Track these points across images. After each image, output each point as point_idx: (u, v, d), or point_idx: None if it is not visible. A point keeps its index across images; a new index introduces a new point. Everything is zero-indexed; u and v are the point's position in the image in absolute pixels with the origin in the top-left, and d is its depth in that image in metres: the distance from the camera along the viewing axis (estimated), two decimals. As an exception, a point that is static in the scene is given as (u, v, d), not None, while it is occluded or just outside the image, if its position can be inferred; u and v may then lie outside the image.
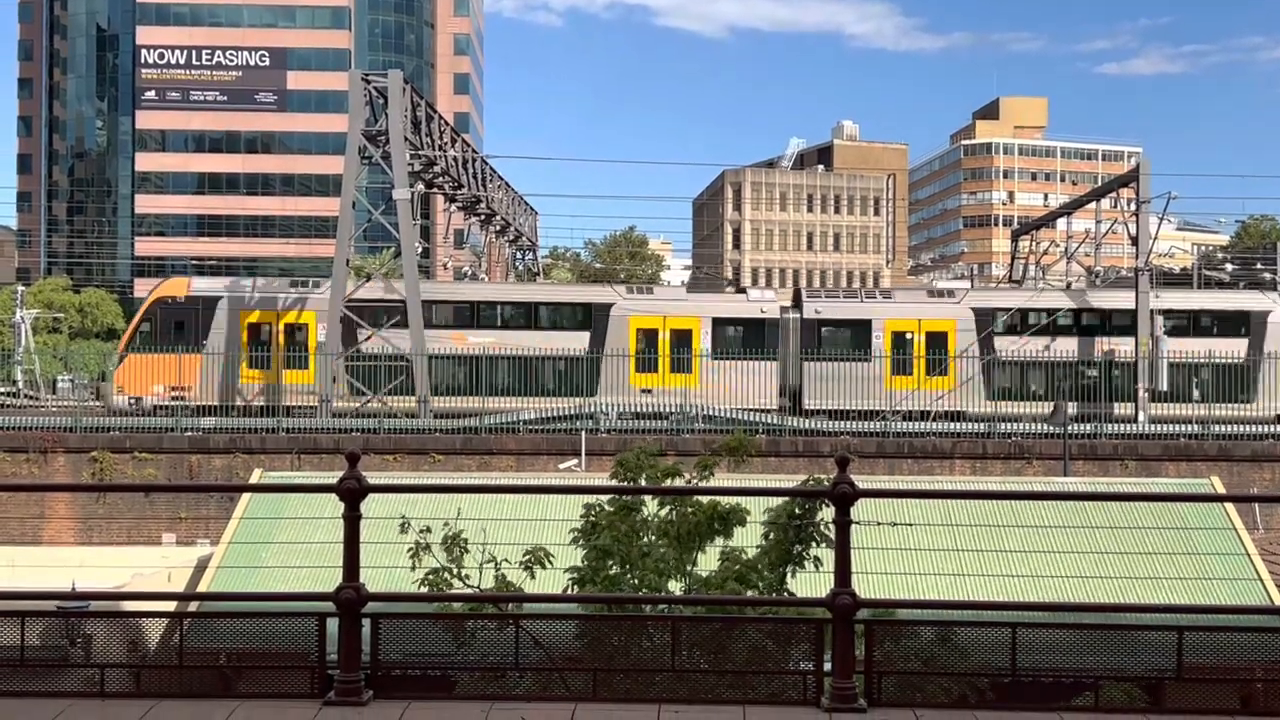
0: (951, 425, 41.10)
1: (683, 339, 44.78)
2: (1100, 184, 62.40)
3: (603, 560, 13.14)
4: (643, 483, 13.98)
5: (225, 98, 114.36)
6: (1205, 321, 46.56)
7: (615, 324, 44.54)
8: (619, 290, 47.57)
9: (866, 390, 42.27)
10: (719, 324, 45.22)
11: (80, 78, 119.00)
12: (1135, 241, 45.89)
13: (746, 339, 44.85)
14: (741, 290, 50.29)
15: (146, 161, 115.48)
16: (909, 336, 45.16)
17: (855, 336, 44.74)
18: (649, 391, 42.67)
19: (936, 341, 45.11)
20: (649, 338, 44.67)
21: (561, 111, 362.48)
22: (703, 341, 44.59)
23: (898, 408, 42.20)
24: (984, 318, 45.30)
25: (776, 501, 13.47)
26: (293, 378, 42.94)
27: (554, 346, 43.71)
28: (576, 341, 44.46)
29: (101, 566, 25.03)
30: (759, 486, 21.25)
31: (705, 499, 13.44)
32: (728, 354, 43.87)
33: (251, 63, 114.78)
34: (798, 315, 45.85)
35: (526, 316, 45.89)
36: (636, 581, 13.05)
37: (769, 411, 42.35)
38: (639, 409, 41.29)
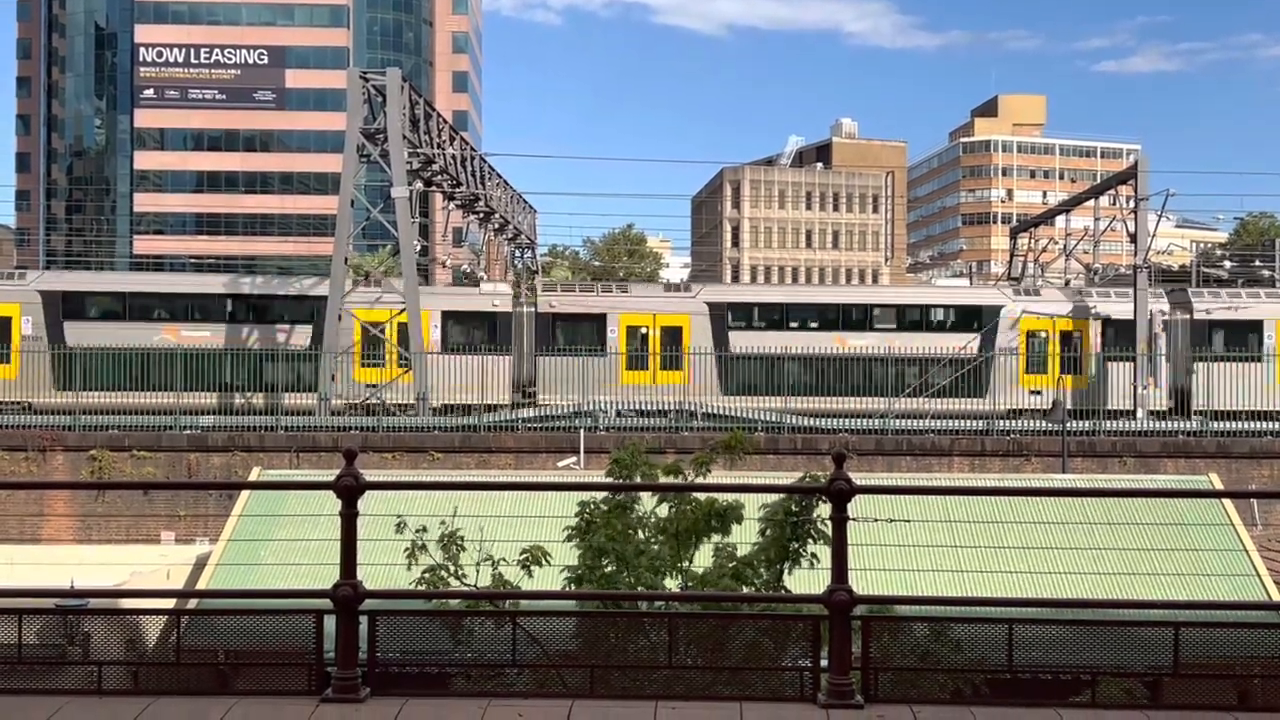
0: (950, 422, 41.12)
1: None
2: (1099, 181, 62.46)
3: (598, 559, 13.16)
4: (638, 478, 14.01)
5: (224, 96, 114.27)
6: (939, 316, 46.45)
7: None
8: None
9: (601, 384, 41.85)
10: (449, 317, 44.65)
11: (79, 76, 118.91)
12: (1134, 239, 45.91)
13: (480, 333, 44.47)
14: (475, 283, 49.63)
15: (145, 160, 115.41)
16: (644, 331, 44.73)
17: (590, 331, 44.14)
18: (374, 387, 42.29)
19: (672, 336, 44.65)
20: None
21: (560, 109, 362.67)
22: (433, 335, 43.90)
23: (630, 401, 42.00)
24: (719, 312, 44.99)
25: (774, 498, 13.48)
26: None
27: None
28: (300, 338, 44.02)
29: (100, 564, 25.06)
30: (756, 483, 21.27)
31: (702, 496, 13.45)
32: (459, 349, 43.37)
33: (250, 61, 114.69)
34: (531, 309, 45.54)
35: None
36: (632, 580, 13.07)
37: (503, 407, 41.91)
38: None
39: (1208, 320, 45.11)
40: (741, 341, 44.19)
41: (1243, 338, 44.61)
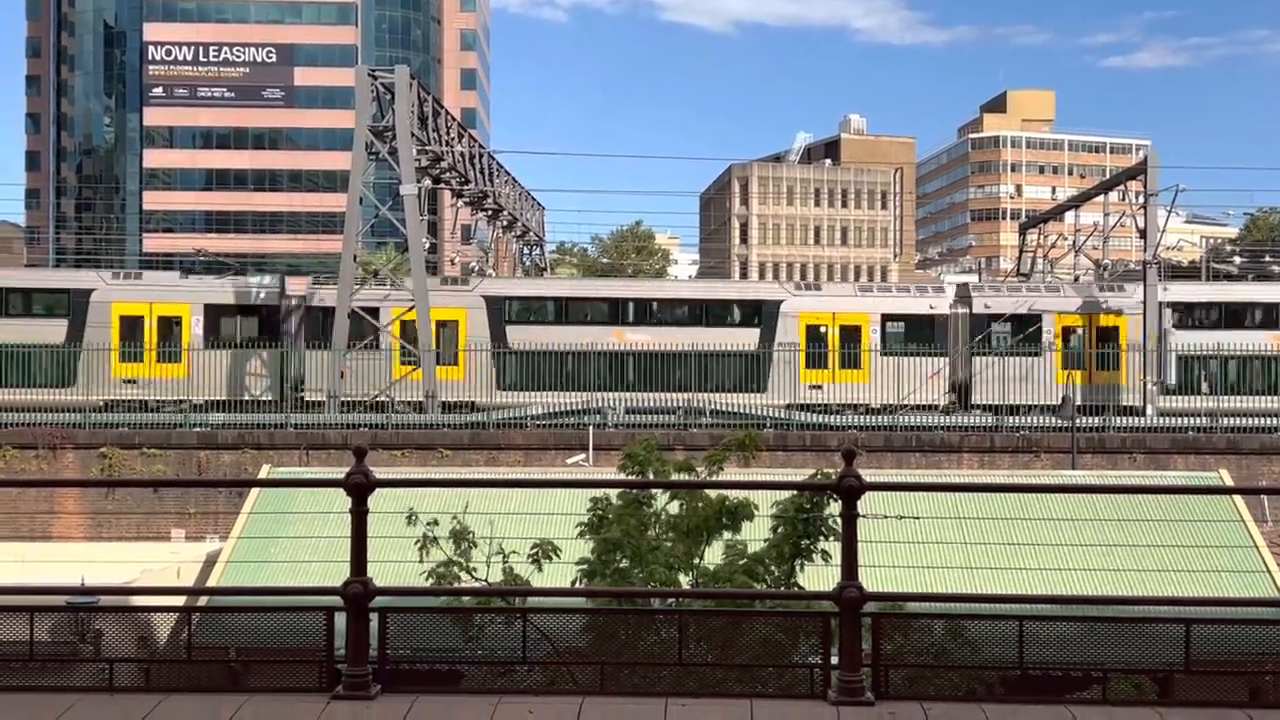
0: (961, 419, 41.10)
1: (169, 325, 43.84)
2: (1108, 177, 62.32)
3: (612, 554, 13.16)
4: (650, 475, 14.02)
5: (233, 94, 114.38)
6: (720, 311, 46.13)
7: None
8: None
9: (376, 380, 41.68)
10: (213, 311, 44.28)
11: (88, 75, 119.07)
12: (1143, 234, 45.83)
13: (250, 326, 44.21)
14: (240, 274, 49.61)
15: (154, 158, 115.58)
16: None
17: (362, 326, 43.35)
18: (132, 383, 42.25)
19: (448, 330, 44.24)
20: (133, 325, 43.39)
21: (568, 106, 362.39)
22: (192, 330, 43.68)
23: (406, 398, 41.77)
24: (496, 306, 44.68)
25: (784, 495, 13.48)
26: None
27: None
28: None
29: (111, 562, 25.11)
30: (766, 480, 21.26)
31: (713, 493, 13.46)
32: (225, 343, 43.15)
33: (259, 59, 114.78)
34: (302, 303, 45.11)
35: None
36: (644, 575, 13.08)
37: (272, 402, 41.65)
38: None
39: (987, 314, 44.84)
40: (520, 336, 43.90)
41: (1023, 332, 44.42)
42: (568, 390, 41.67)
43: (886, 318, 45.02)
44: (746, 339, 44.19)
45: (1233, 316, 46.06)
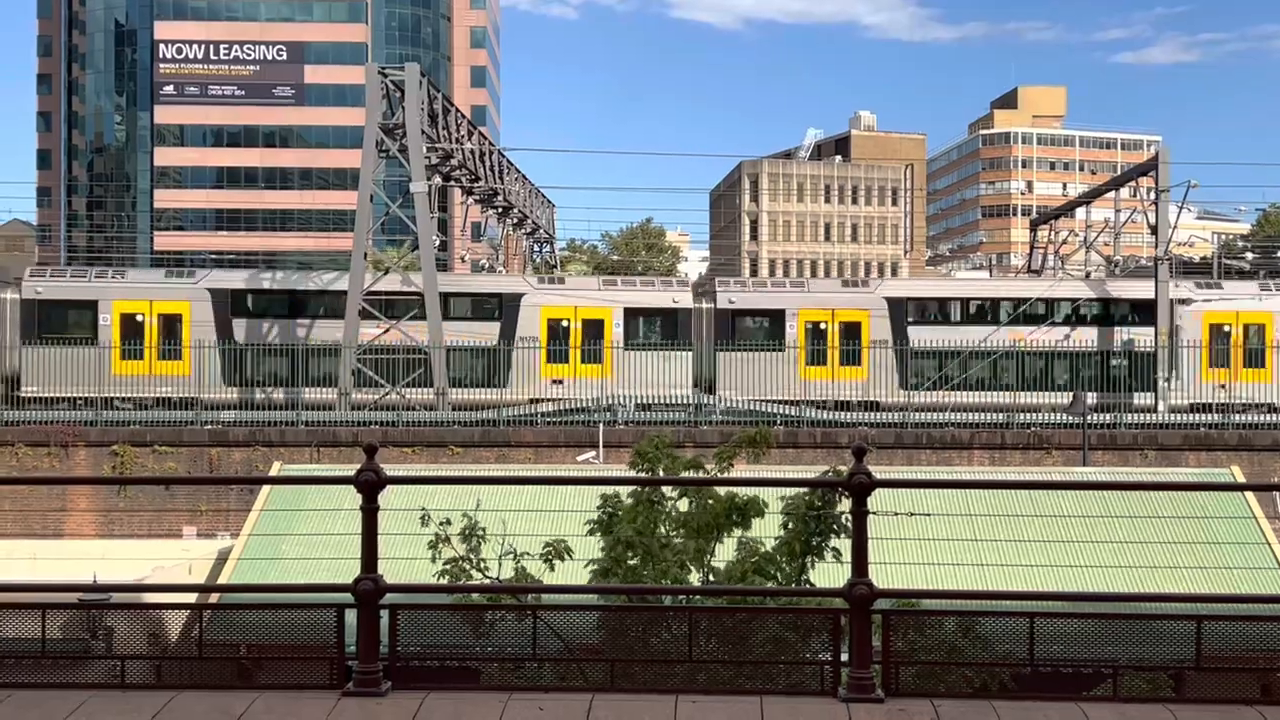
0: (971, 415, 41.03)
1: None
2: (1119, 173, 62.16)
3: (624, 552, 13.16)
4: (660, 472, 14.02)
5: (243, 92, 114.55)
6: (460, 305, 45.48)
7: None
8: None
9: (93, 377, 41.08)
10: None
11: (99, 73, 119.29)
12: (1155, 230, 45.70)
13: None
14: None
15: (165, 156, 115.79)
16: (140, 319, 43.57)
17: (80, 318, 42.94)
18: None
19: (170, 325, 43.76)
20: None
21: (578, 104, 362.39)
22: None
23: (125, 393, 41.34)
24: (221, 299, 44.17)
25: (795, 492, 13.47)
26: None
27: None
28: None
29: (122, 559, 25.17)
30: (777, 477, 21.24)
31: (723, 491, 13.45)
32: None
33: (269, 57, 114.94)
34: (16, 296, 44.29)
35: None
36: (656, 573, 13.08)
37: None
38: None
39: (732, 310, 44.45)
40: (246, 331, 43.64)
41: (766, 327, 44.24)
42: (310, 387, 41.17)
43: (630, 312, 44.33)
44: (487, 333, 43.62)
45: (964, 311, 45.99)
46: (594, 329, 44.07)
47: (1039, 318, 44.92)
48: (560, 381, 43.15)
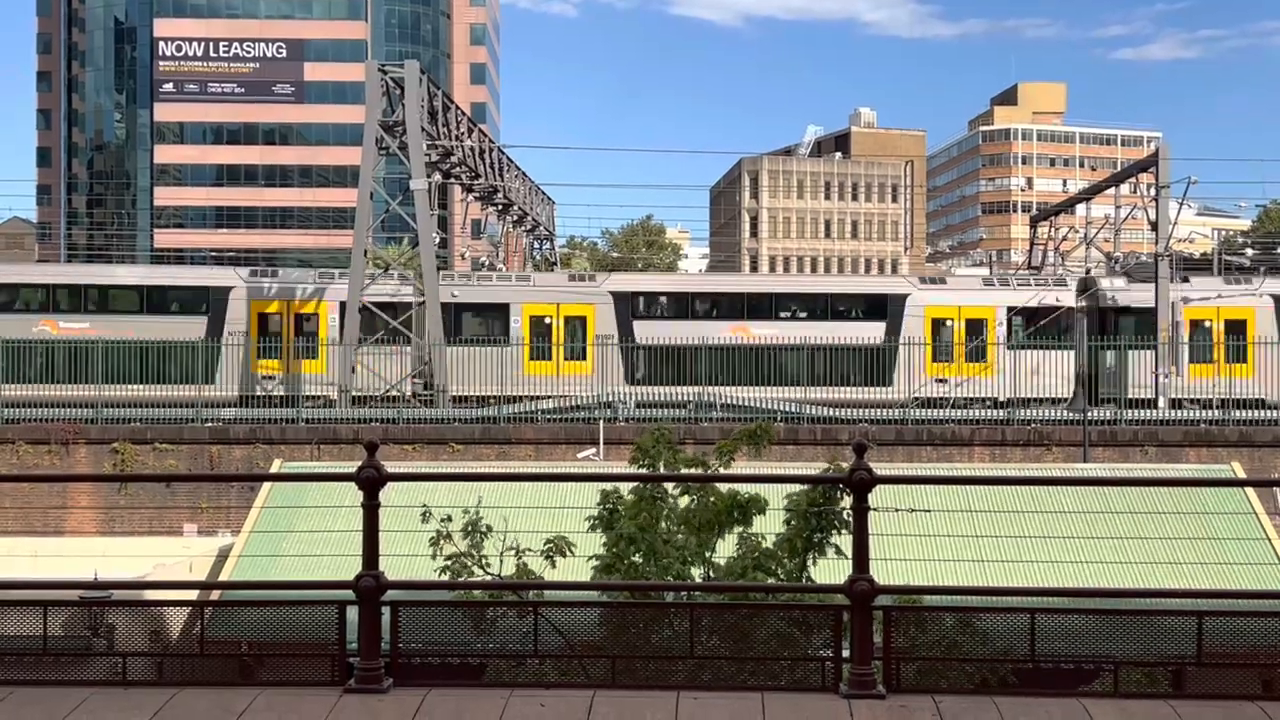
0: (972, 412, 41.01)
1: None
2: (1119, 169, 62.13)
3: (627, 547, 13.16)
4: (661, 467, 14.02)
5: (243, 90, 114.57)
6: (160, 299, 44.85)
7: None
8: None
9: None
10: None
11: (98, 71, 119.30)
12: (1155, 227, 45.67)
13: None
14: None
15: (165, 154, 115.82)
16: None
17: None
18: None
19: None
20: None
21: (578, 101, 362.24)
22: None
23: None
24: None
25: (796, 489, 13.47)
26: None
27: None
28: None
29: (123, 556, 25.15)
30: (777, 474, 21.24)
31: (724, 488, 13.45)
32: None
33: (269, 54, 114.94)
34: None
35: None
36: (658, 570, 13.08)
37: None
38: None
39: (454, 304, 44.09)
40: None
41: (491, 320, 44.11)
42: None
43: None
44: (193, 329, 42.97)
45: (689, 306, 45.96)
46: (308, 323, 43.64)
47: (766, 312, 44.79)
48: (272, 377, 42.49)
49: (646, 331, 43.89)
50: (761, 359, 42.69)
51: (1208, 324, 44.30)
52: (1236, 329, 43.92)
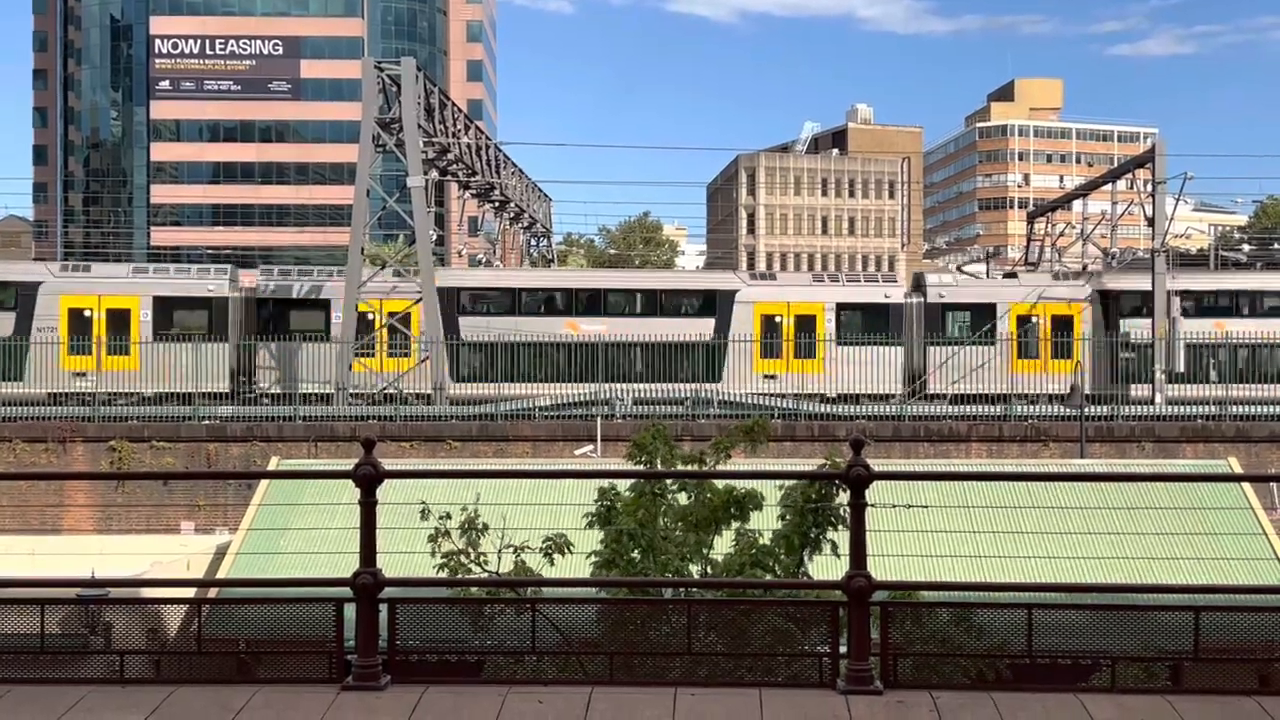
0: (970, 408, 41.05)
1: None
2: (1116, 165, 62.17)
3: (626, 543, 13.17)
4: (658, 463, 14.02)
5: (239, 87, 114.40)
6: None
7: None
8: None
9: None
10: None
11: (94, 68, 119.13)
12: (1151, 223, 45.70)
13: None
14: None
15: (161, 151, 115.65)
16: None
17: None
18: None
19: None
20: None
21: (575, 98, 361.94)
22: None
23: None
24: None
25: (793, 485, 13.47)
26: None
27: None
28: None
29: (120, 554, 25.14)
30: (774, 470, 21.26)
31: (721, 484, 13.46)
32: None
33: (265, 52, 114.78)
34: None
35: None
36: (656, 566, 13.09)
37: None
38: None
39: (270, 298, 44.02)
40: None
41: (309, 318, 43.61)
42: None
43: (159, 301, 43.27)
44: (3, 326, 42.48)
45: (511, 303, 45.54)
46: (120, 319, 42.84)
47: (596, 309, 44.64)
48: (83, 374, 41.90)
49: (475, 328, 43.58)
50: (594, 355, 42.26)
51: (1035, 319, 44.48)
52: (1063, 325, 44.17)
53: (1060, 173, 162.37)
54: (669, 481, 13.87)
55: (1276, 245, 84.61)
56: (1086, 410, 38.25)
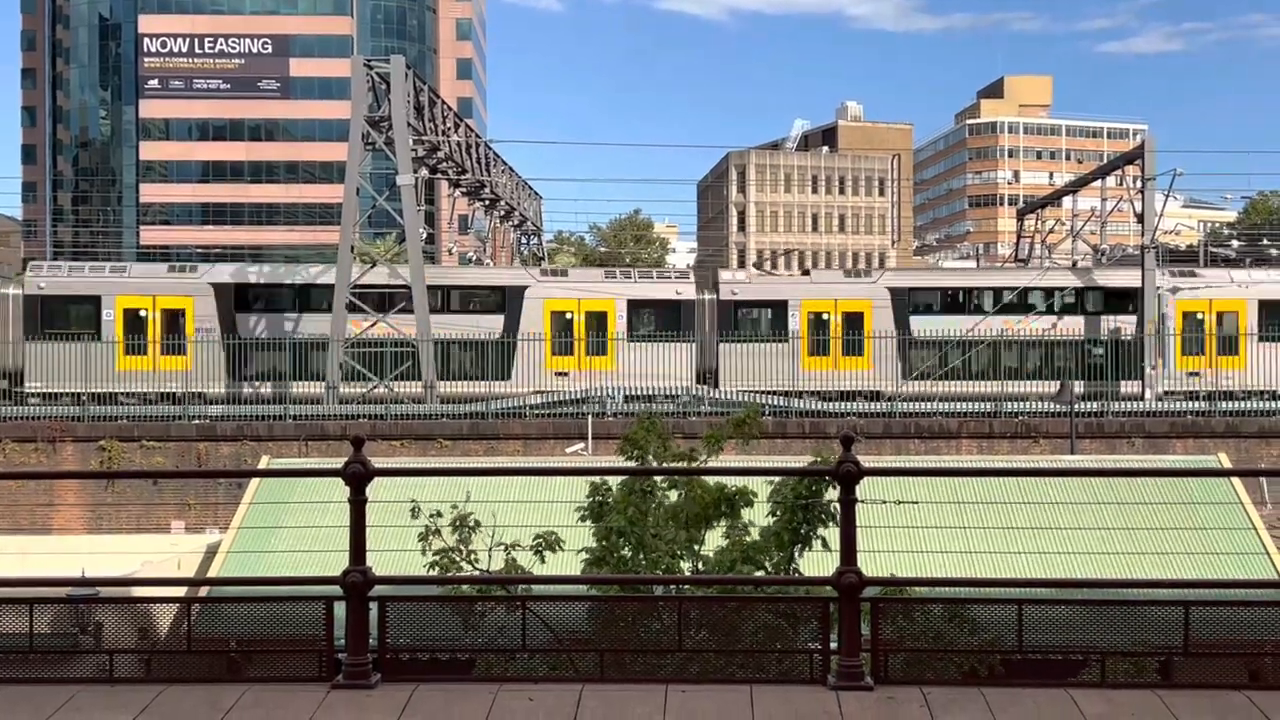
0: (959, 405, 41.07)
1: None
2: (1106, 162, 62.23)
3: (616, 542, 13.17)
4: (650, 458, 14.02)
5: (228, 86, 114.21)
6: None
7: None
8: None
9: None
10: None
11: (83, 67, 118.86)
12: (1141, 219, 45.76)
13: None
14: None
15: (150, 150, 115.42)
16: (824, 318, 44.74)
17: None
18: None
19: None
20: None
21: (565, 96, 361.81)
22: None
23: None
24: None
25: (783, 481, 13.47)
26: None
27: None
28: None
29: (111, 554, 25.10)
30: (765, 467, 21.27)
31: (712, 481, 13.46)
32: None
33: (254, 50, 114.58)
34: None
35: None
36: (648, 563, 13.09)
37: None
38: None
39: (43, 295, 43.33)
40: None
41: (82, 316, 43.39)
42: None
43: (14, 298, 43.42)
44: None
45: (297, 300, 45.17)
46: None
47: (385, 306, 43.69)
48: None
49: (256, 325, 43.29)
50: (381, 353, 42.11)
51: (825, 316, 44.61)
52: (854, 323, 44.29)
53: (1050, 169, 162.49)
54: (660, 478, 13.86)
55: (1266, 241, 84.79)
56: (1076, 407, 38.31)
